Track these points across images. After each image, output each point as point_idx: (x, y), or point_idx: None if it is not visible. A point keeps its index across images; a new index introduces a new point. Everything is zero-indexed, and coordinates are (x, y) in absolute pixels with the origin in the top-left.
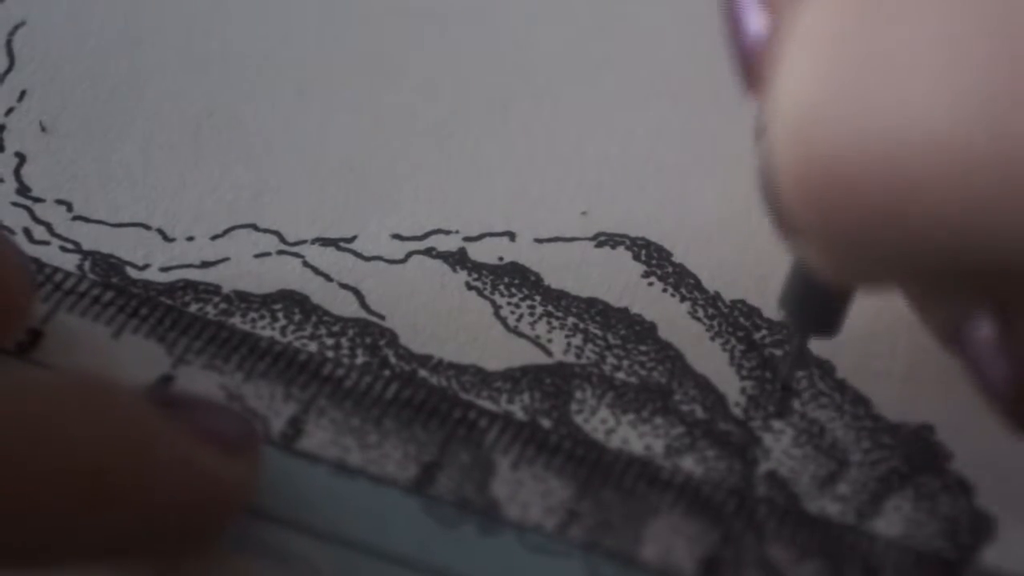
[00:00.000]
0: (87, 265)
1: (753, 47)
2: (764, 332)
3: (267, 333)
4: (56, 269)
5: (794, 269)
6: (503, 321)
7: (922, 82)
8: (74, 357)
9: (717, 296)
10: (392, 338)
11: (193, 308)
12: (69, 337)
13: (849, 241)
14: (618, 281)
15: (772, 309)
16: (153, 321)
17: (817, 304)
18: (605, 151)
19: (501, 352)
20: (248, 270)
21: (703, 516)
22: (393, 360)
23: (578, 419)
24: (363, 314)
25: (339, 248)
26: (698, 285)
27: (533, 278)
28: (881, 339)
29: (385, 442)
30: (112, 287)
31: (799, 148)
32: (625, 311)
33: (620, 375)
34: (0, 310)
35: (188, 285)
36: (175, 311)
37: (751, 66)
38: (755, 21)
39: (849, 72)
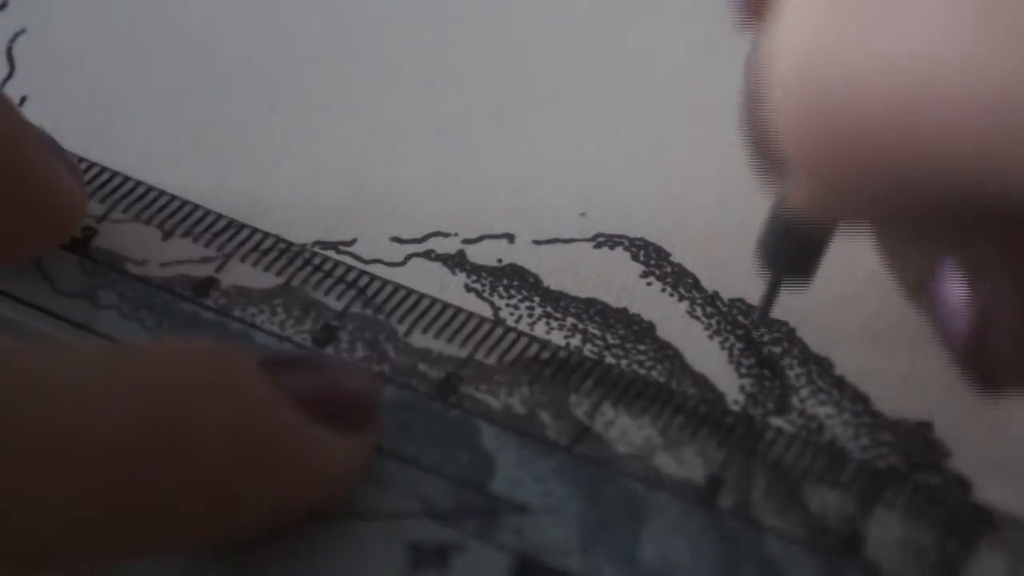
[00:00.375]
0: (86, 263)
1: None
2: (763, 330)
3: (267, 328)
4: (113, 173)
5: (773, 214)
6: (502, 323)
7: (926, 17)
8: (125, 254)
9: (716, 295)
10: (391, 333)
11: (192, 304)
12: (121, 237)
13: (847, 179)
14: (617, 281)
15: None
16: (202, 226)
17: (793, 250)
18: (603, 152)
19: None
20: (247, 273)
21: (703, 513)
22: (392, 354)
23: (577, 412)
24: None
25: (339, 251)
26: (696, 284)
27: (532, 279)
28: (880, 337)
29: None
30: (164, 192)
31: (803, 90)
32: (624, 311)
33: None
34: (54, 210)
35: (187, 279)
36: (224, 218)
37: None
38: None
39: (853, 12)
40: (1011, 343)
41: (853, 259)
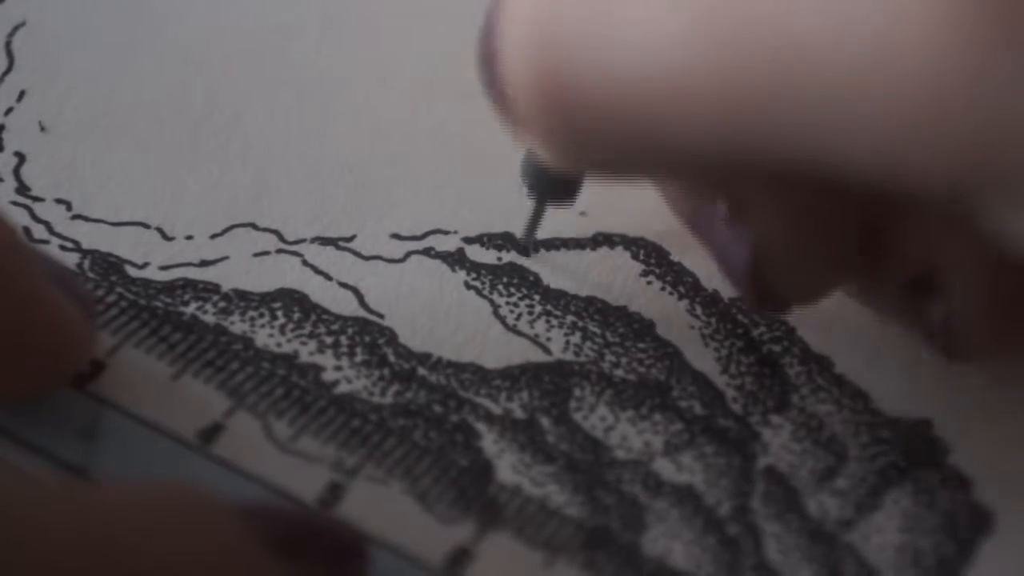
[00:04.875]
0: (86, 264)
1: None
2: (762, 329)
3: (266, 332)
4: (131, 303)
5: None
6: (502, 320)
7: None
8: (131, 394)
9: (715, 294)
10: (391, 336)
11: (192, 307)
12: (130, 373)
13: (579, 155)
14: (616, 280)
15: None
16: (214, 368)
17: (553, 177)
18: None
19: (500, 350)
20: (247, 269)
21: (701, 520)
22: (392, 358)
23: (577, 416)
24: (362, 313)
25: (338, 247)
26: (696, 283)
27: (532, 278)
28: (880, 335)
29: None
30: (180, 326)
31: (530, 75)
32: (624, 309)
33: (619, 372)
34: (54, 350)
35: (187, 284)
36: (239, 358)
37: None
38: None
39: None
40: (785, 270)
41: None
